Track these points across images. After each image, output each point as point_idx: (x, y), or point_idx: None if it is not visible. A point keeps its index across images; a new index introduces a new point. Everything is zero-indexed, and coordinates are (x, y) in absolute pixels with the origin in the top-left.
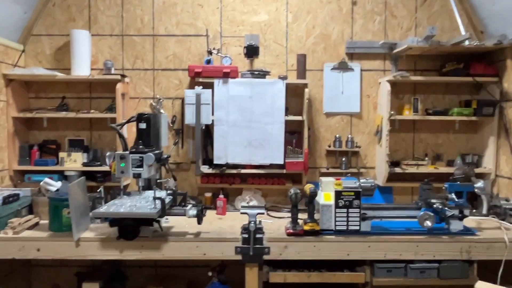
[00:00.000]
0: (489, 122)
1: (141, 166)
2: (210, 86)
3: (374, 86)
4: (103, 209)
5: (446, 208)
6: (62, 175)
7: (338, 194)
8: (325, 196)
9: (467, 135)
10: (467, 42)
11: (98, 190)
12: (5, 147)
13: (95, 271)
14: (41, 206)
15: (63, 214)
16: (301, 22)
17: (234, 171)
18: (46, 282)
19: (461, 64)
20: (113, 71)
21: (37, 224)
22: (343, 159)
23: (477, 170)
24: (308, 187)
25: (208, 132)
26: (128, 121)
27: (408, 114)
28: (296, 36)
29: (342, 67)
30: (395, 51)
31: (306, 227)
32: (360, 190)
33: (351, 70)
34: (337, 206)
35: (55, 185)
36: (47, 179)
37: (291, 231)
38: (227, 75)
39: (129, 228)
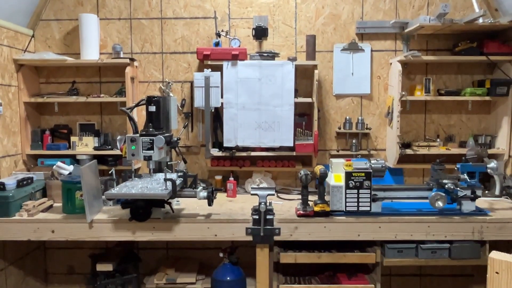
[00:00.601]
0: (503, 102)
1: (151, 148)
2: (219, 68)
3: (385, 67)
4: (115, 190)
5: (458, 189)
6: (74, 159)
7: (349, 175)
8: (336, 177)
9: (480, 115)
10: (481, 20)
11: (110, 172)
12: (17, 131)
13: (109, 253)
14: (54, 189)
15: (76, 197)
16: (310, 2)
17: (244, 153)
18: (60, 264)
19: (475, 43)
20: (122, 55)
21: (51, 206)
22: (353, 141)
23: (490, 151)
24: (318, 168)
25: (217, 115)
26: (138, 104)
27: (419, 95)
28: (305, 16)
29: (352, 47)
30: (406, 30)
31: (316, 208)
32: (371, 171)
33: (361, 50)
34: (347, 187)
35: (67, 168)
36: (59, 163)
37: (302, 212)
38: (236, 57)
39: (141, 209)
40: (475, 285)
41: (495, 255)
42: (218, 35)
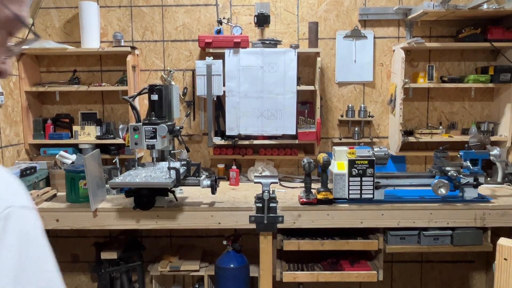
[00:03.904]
0: (506, 89)
1: (154, 137)
2: (220, 56)
3: (388, 54)
4: (120, 179)
5: (460, 176)
6: (76, 148)
7: (352, 163)
8: (339, 165)
9: (483, 102)
10: (485, 6)
11: (113, 161)
12: (19, 121)
13: (113, 241)
14: (57, 178)
15: (79, 186)
16: None
17: (246, 142)
18: (65, 252)
19: (478, 30)
20: (122, 43)
21: (54, 195)
22: (356, 129)
23: (493, 138)
24: (322, 156)
25: (219, 104)
26: (140, 93)
27: (422, 82)
28: (307, 3)
29: (355, 35)
30: (410, 16)
31: (319, 196)
32: (374, 158)
33: (364, 37)
34: (350, 175)
35: (70, 158)
36: (62, 152)
37: (305, 200)
38: (238, 45)
39: (145, 198)
40: (476, 271)
41: (503, 241)
42: (220, 22)
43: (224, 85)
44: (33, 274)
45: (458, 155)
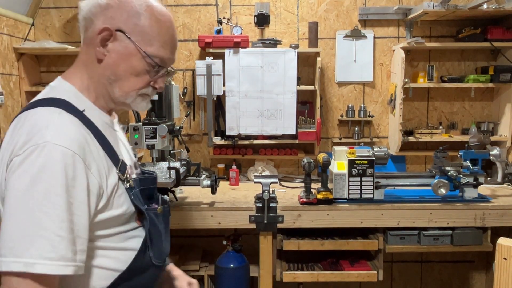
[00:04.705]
0: (506, 89)
1: (154, 137)
2: (220, 56)
3: (388, 54)
4: None
5: (460, 176)
6: None
7: (352, 163)
8: (338, 165)
9: (483, 102)
10: (485, 6)
11: None
12: None
13: None
14: None
15: None
16: None
17: (246, 142)
18: None
19: (478, 29)
20: None
21: None
22: (356, 128)
23: (493, 138)
24: (322, 156)
25: (219, 103)
26: None
27: (422, 82)
28: (307, 3)
29: (355, 34)
30: (409, 16)
31: (319, 196)
32: (374, 158)
33: (364, 37)
34: (350, 175)
35: None
36: None
37: (305, 200)
38: (237, 44)
39: None
40: (476, 271)
41: (503, 241)
42: (220, 22)
43: (224, 85)
44: (38, 196)
45: (458, 155)
